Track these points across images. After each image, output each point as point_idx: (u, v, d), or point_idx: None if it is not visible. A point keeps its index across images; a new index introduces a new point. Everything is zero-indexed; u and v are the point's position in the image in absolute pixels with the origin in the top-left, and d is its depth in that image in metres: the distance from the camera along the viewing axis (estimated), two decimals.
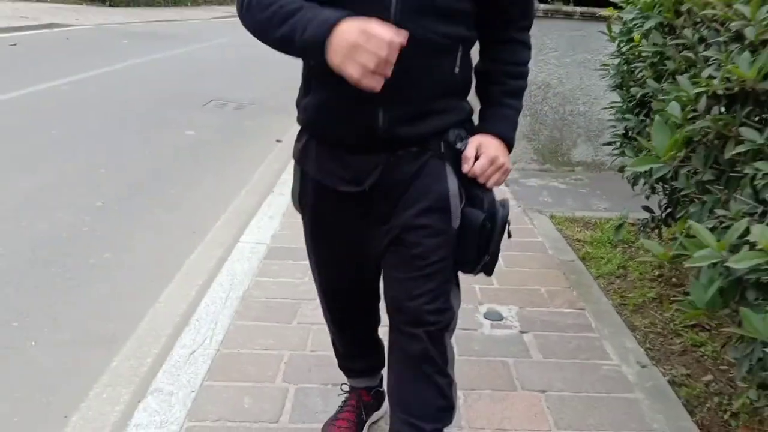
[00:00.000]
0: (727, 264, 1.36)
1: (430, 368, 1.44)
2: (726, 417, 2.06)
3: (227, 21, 19.94)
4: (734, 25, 1.61)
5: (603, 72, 2.93)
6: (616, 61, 2.68)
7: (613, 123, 2.75)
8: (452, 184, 1.40)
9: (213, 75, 9.07)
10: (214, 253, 3.21)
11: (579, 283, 2.90)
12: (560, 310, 2.65)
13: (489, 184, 1.42)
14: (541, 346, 2.36)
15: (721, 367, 2.32)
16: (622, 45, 2.61)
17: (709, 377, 2.26)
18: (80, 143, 5.10)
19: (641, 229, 2.71)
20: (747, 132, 1.53)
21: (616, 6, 2.75)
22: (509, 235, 1.47)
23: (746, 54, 1.53)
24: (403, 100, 1.31)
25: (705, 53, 1.74)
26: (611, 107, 2.77)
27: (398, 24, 1.21)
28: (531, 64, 1.55)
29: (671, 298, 2.73)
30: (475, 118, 1.51)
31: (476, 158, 1.40)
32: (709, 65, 1.75)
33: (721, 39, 1.74)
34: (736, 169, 1.65)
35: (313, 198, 1.50)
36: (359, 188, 1.40)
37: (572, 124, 4.76)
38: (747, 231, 1.42)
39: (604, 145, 2.92)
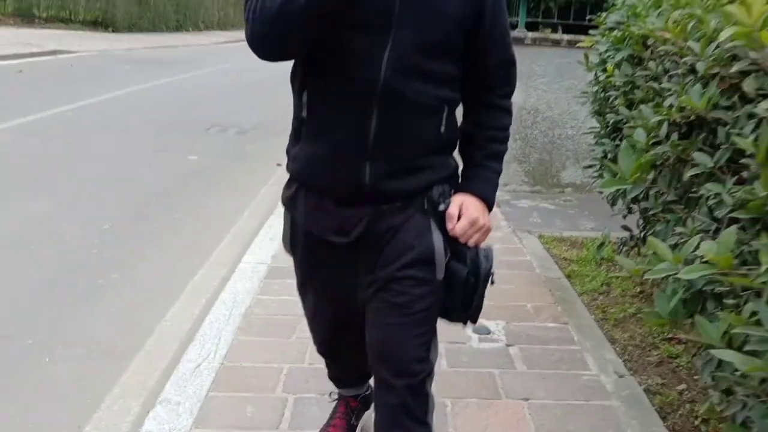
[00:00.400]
0: (678, 275, 1.51)
1: (409, 420, 1.47)
2: (697, 423, 2.20)
3: (229, 46, 20.27)
4: (687, 60, 1.78)
5: (586, 98, 3.11)
6: (594, 89, 2.86)
7: (593, 147, 2.92)
8: (437, 240, 1.46)
9: (214, 100, 9.29)
10: (217, 273, 3.36)
11: (564, 299, 3.05)
12: (545, 324, 2.80)
13: (470, 244, 1.47)
14: (526, 358, 2.51)
15: (695, 377, 2.46)
16: (598, 74, 2.79)
17: (683, 386, 2.40)
18: (86, 168, 5.28)
19: (620, 247, 2.86)
20: (699, 156, 1.70)
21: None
22: (491, 282, 1.53)
23: (697, 86, 1.70)
24: (390, 155, 1.40)
25: (664, 85, 1.91)
26: (591, 132, 2.94)
27: (387, 83, 1.33)
28: (521, 90, 1.69)
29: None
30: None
31: (459, 217, 1.46)
32: (670, 95, 1.92)
33: (679, 71, 1.92)
34: (694, 190, 1.81)
35: (303, 245, 1.57)
36: (347, 239, 1.47)
37: (561, 147, 4.94)
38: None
39: (585, 167, 3.09)
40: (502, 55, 1.51)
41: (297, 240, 1.58)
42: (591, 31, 2.95)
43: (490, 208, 1.54)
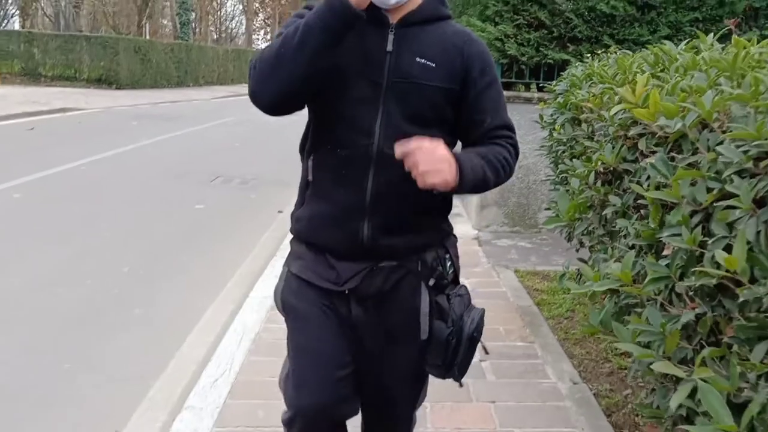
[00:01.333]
0: (592, 288, 1.98)
1: None
2: (637, 419, 2.62)
3: (228, 100, 21.06)
4: (603, 124, 2.29)
5: (543, 151, 3.62)
6: (549, 143, 3.37)
7: (551, 191, 3.42)
8: (424, 303, 1.56)
9: (218, 153, 9.85)
10: (227, 308, 3.79)
11: (532, 323, 3.49)
12: (514, 343, 3.23)
13: (415, 174, 1.36)
14: (495, 370, 2.94)
15: (640, 384, 2.89)
16: (552, 131, 3.30)
17: (628, 391, 2.83)
18: (102, 218, 5.77)
19: (578, 276, 3.32)
20: (613, 199, 2.18)
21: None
22: (486, 352, 1.75)
23: (609, 146, 2.20)
24: (386, 212, 1.50)
25: (588, 143, 2.41)
26: (548, 179, 3.44)
27: (381, 148, 1.46)
28: None
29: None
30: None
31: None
32: (594, 151, 2.42)
33: (601, 133, 2.42)
34: (613, 225, 2.29)
35: (295, 295, 1.61)
36: (339, 288, 1.54)
37: (536, 191, 5.45)
38: None
39: (545, 209, 3.58)
40: (497, 121, 1.57)
41: (289, 290, 1.63)
42: (546, 96, 3.48)
43: (462, 182, 1.41)
